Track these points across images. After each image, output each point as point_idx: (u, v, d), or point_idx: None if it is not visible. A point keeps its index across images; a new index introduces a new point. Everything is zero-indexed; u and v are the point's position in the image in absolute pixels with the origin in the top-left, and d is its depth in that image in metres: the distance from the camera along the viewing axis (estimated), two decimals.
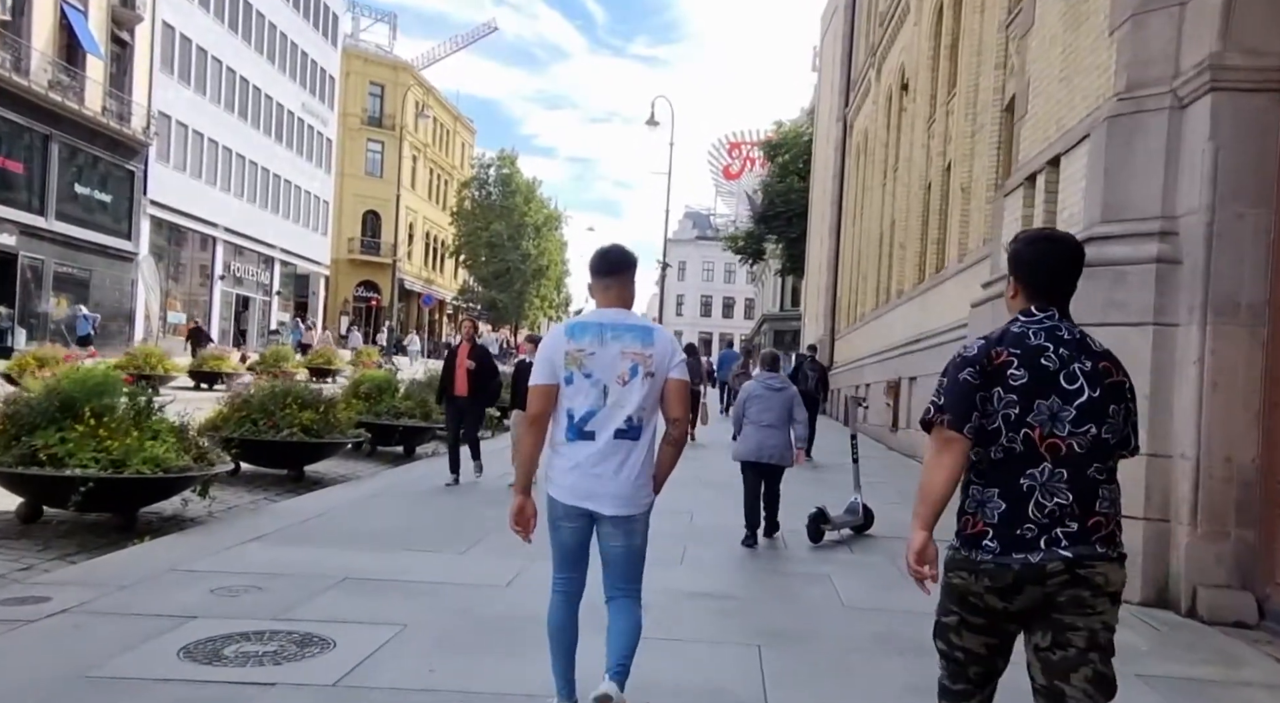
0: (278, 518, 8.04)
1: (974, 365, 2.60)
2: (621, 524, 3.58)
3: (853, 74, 28.91)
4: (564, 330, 3.66)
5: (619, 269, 3.71)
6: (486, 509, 9.04)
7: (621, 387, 3.52)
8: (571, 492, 3.57)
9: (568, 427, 3.56)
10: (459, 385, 10.26)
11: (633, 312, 3.73)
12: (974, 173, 14.00)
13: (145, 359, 21.99)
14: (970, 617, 2.67)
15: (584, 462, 3.53)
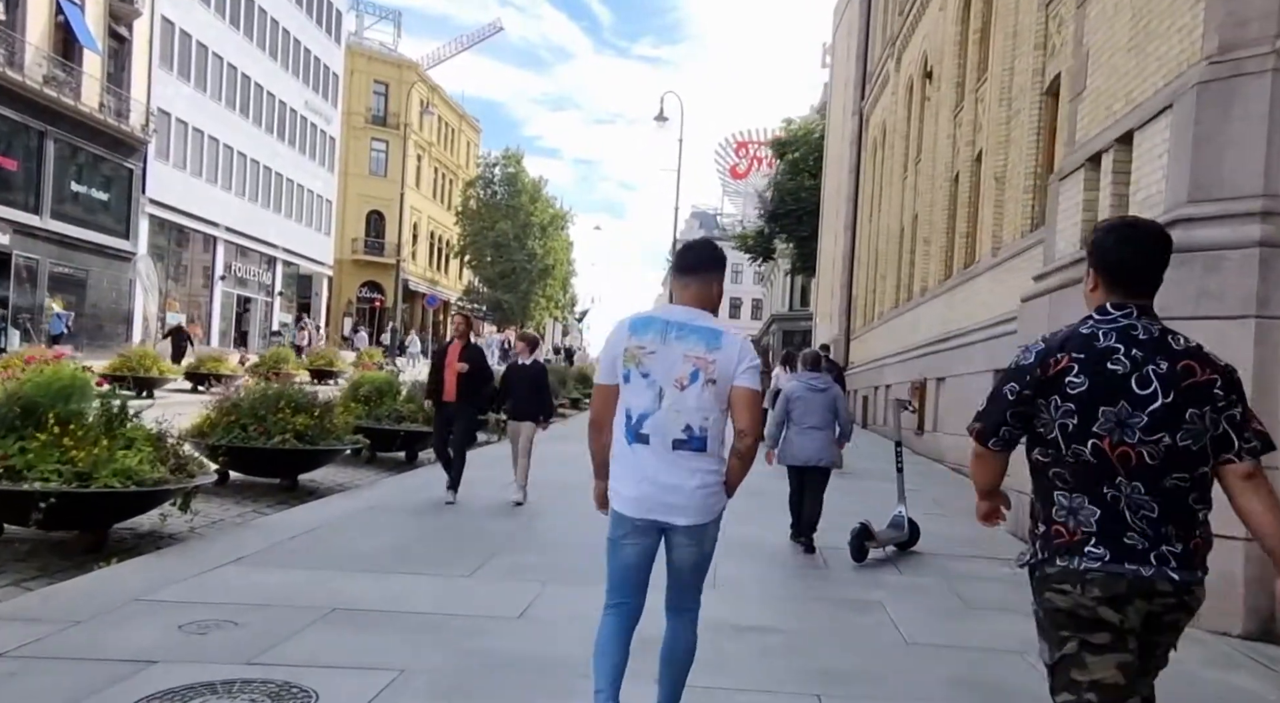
0: (264, 535, 7.27)
1: (1022, 377, 2.48)
2: (695, 533, 3.35)
3: (869, 66, 28.11)
4: (628, 324, 3.38)
5: (700, 266, 3.43)
6: (494, 523, 8.28)
7: (679, 391, 3.25)
8: (639, 504, 3.30)
9: (626, 428, 3.32)
10: (448, 390, 9.19)
11: (707, 313, 3.39)
12: (1009, 161, 13.20)
13: (139, 361, 21.27)
14: (1090, 636, 2.42)
15: (651, 472, 3.27)
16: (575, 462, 13.75)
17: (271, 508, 9.06)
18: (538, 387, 9.56)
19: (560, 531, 8.13)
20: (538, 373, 9.67)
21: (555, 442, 16.85)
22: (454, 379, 9.11)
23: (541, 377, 9.69)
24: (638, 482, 3.30)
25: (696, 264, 3.45)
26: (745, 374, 3.30)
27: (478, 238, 60.58)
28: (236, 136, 41.03)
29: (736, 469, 3.40)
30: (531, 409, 9.50)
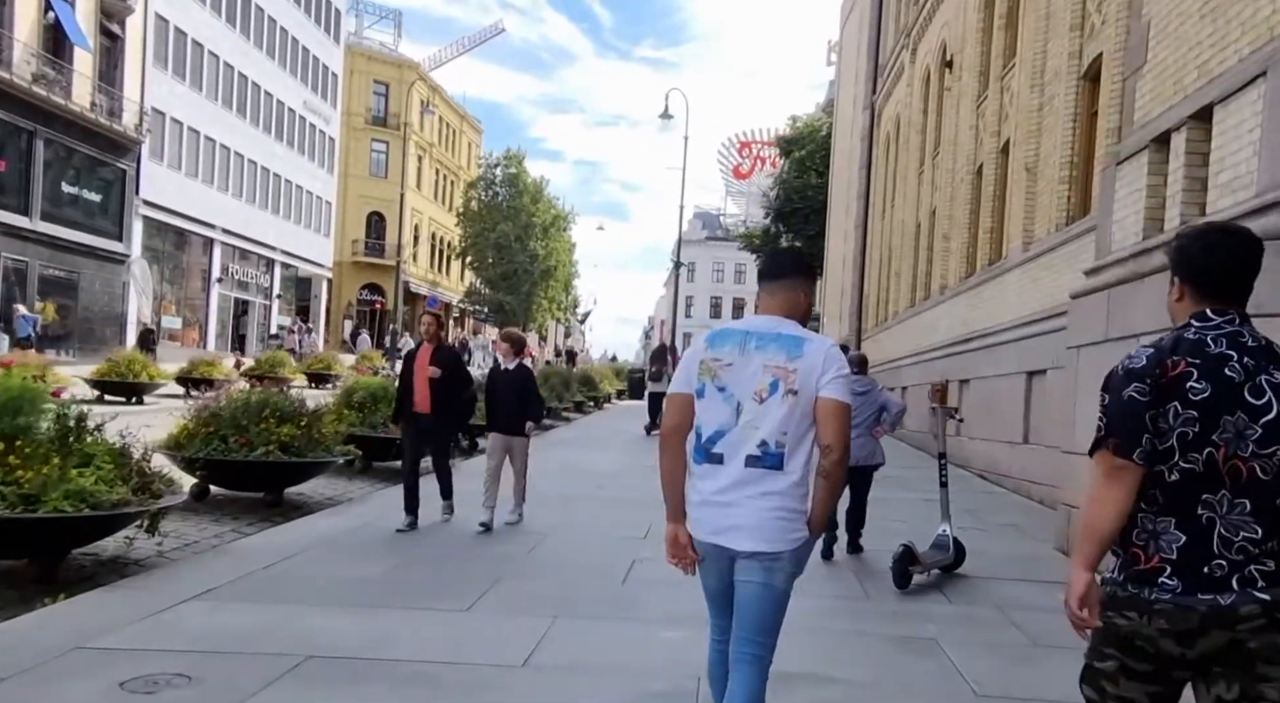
0: (238, 561, 6.52)
1: (1143, 380, 2.31)
2: (762, 562, 2.99)
3: (880, 59, 27.35)
4: (705, 338, 3.19)
5: (788, 273, 3.22)
6: (494, 545, 7.51)
7: (758, 405, 2.99)
8: (702, 526, 3.07)
9: (698, 447, 3.10)
10: (419, 399, 8.01)
11: (791, 321, 3.14)
12: (1042, 150, 12.44)
13: (128, 365, 20.50)
14: (1134, 663, 2.35)
15: (714, 493, 3.02)
16: (579, 470, 13.09)
17: (253, 527, 8.31)
18: (524, 395, 8.33)
19: (569, 552, 7.37)
20: (524, 379, 8.42)
21: (556, 448, 16.16)
22: (426, 387, 7.96)
23: (528, 383, 8.45)
24: (700, 503, 3.07)
25: (783, 270, 3.23)
26: (832, 384, 2.98)
27: (479, 239, 59.84)
28: (233, 137, 40.32)
29: (823, 493, 3.04)
30: (518, 420, 8.29)
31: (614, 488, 11.26)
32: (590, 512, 9.41)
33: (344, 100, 54.00)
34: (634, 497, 10.61)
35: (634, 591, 6.24)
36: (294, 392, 12.72)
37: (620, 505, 9.90)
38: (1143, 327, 6.39)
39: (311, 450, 9.23)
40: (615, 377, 34.57)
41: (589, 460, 14.10)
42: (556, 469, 12.78)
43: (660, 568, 7.18)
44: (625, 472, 12.96)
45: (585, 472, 12.66)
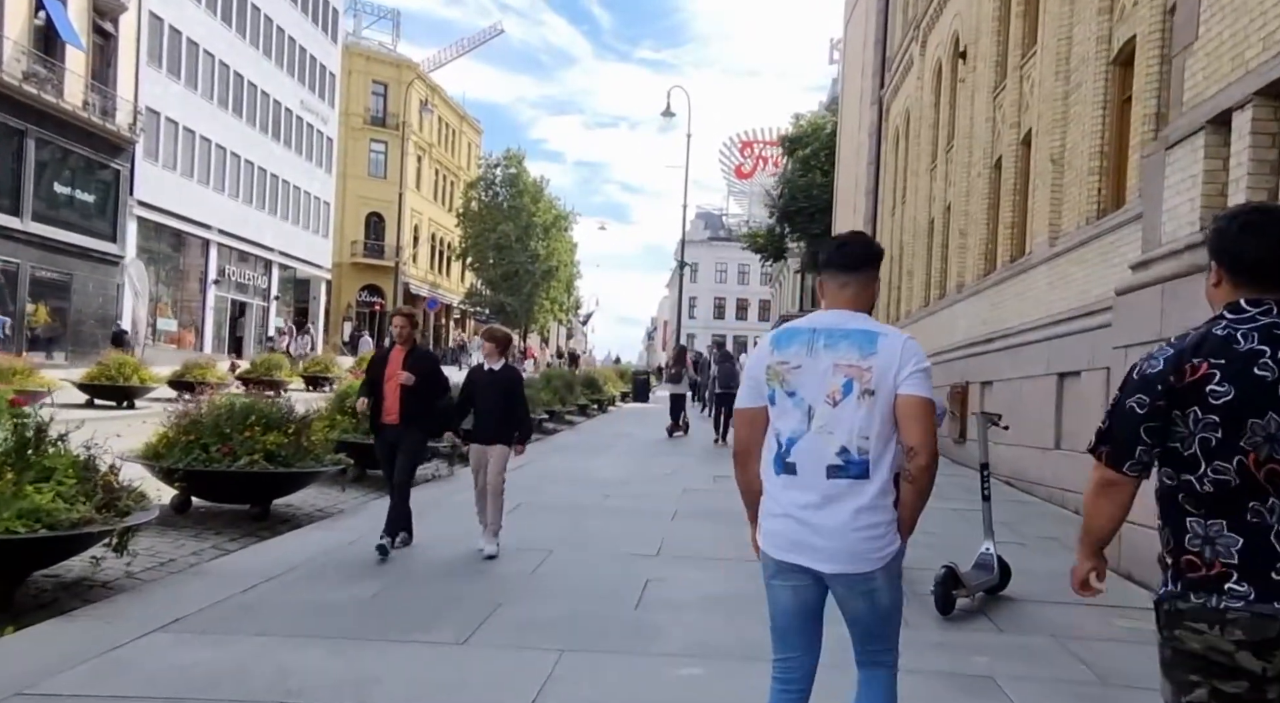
0: (214, 584, 5.94)
1: (1152, 387, 2.18)
2: (856, 584, 2.78)
3: (888, 53, 26.77)
4: (770, 340, 2.94)
5: (862, 263, 2.92)
6: (493, 564, 6.92)
7: (831, 408, 2.77)
8: (778, 541, 2.84)
9: (774, 458, 2.86)
10: (387, 408, 7.10)
11: (861, 314, 2.87)
12: (1068, 140, 11.85)
13: (119, 368, 19.93)
14: (1225, 685, 2.09)
15: (796, 505, 2.79)
16: (584, 477, 12.49)
17: (236, 542, 7.74)
18: (509, 400, 7.27)
19: (575, 571, 6.79)
20: (510, 382, 7.34)
21: (560, 453, 15.57)
22: (396, 395, 7.06)
23: (515, 387, 7.37)
24: (780, 514, 2.81)
25: (858, 261, 2.90)
26: (912, 379, 2.73)
27: (479, 240, 59.34)
28: (229, 136, 39.75)
29: (910, 499, 2.78)
30: (501, 429, 7.24)
31: (621, 497, 10.69)
32: (597, 524, 8.83)
33: (342, 100, 53.45)
34: (642, 506, 10.05)
35: (649, 617, 5.66)
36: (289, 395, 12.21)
37: (629, 517, 9.33)
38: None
39: (300, 460, 8.64)
40: (619, 378, 33.94)
41: (594, 467, 13.53)
42: (561, 476, 12.22)
43: (676, 590, 6.69)
44: (632, 479, 12.39)
45: (591, 479, 12.08)
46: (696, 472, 13.57)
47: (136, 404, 19.76)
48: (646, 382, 35.29)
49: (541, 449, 16.08)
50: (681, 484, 11.96)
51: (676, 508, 9.94)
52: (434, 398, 7.31)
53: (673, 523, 9.04)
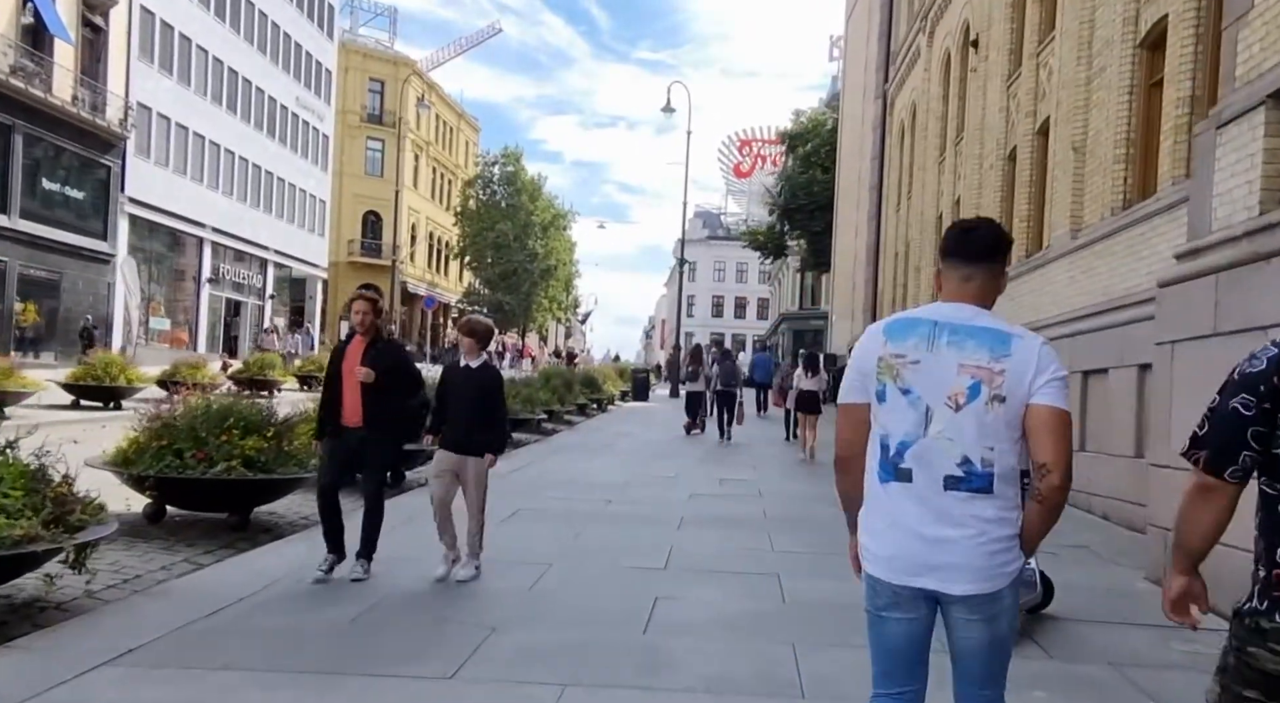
0: (179, 605, 5.39)
1: (1255, 387, 2.03)
2: (981, 606, 2.47)
3: (892, 46, 26.24)
4: (881, 329, 2.59)
5: (990, 253, 2.60)
6: (486, 582, 6.36)
7: (953, 412, 2.43)
8: (897, 565, 2.48)
9: (881, 462, 2.53)
10: (348, 409, 6.12)
11: (986, 311, 2.54)
12: (1091, 127, 11.32)
13: (105, 368, 19.35)
14: None
15: (912, 521, 2.46)
16: (585, 481, 11.89)
17: (211, 555, 7.18)
18: (487, 402, 6.31)
19: (577, 589, 6.23)
20: (488, 382, 6.39)
21: (559, 454, 14.99)
22: (356, 394, 6.08)
23: (494, 388, 6.42)
24: (894, 535, 2.53)
25: (985, 250, 2.60)
26: (1049, 387, 2.45)
27: (477, 238, 58.88)
28: (223, 133, 39.16)
29: (1036, 520, 2.51)
30: (476, 436, 6.27)
31: (624, 502, 10.14)
32: (599, 533, 8.28)
33: (338, 98, 52.88)
34: (646, 512, 9.50)
35: (659, 642, 5.11)
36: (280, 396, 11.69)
37: (633, 524, 8.78)
38: (1273, 317, 5.27)
39: (282, 465, 8.08)
40: (619, 377, 33.38)
41: (595, 469, 12.98)
42: (559, 480, 11.68)
43: (688, 610, 6.10)
44: (635, 482, 11.84)
45: (591, 483, 11.54)
46: (701, 474, 13.04)
47: (124, 405, 19.17)
48: (646, 380, 34.75)
49: (540, 450, 15.54)
50: (687, 488, 11.42)
51: (683, 514, 9.40)
52: (402, 394, 6.33)
53: (679, 532, 8.49)
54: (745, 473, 13.44)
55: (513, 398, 17.70)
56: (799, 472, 14.02)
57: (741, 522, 9.15)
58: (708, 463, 14.54)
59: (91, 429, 12.37)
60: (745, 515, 9.57)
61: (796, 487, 12.18)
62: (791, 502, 10.76)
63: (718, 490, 11.49)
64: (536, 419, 18.60)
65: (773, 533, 8.49)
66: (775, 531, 8.65)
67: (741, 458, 15.68)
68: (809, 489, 11.95)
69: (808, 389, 16.02)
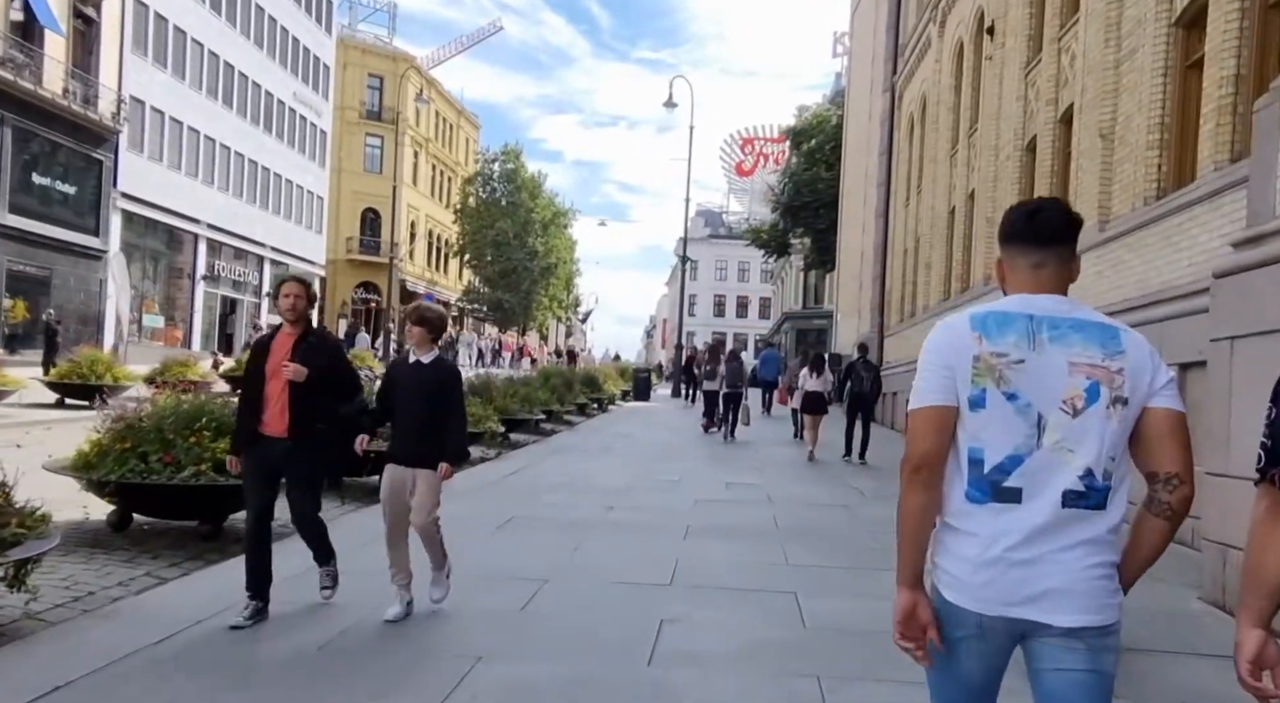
0: (128, 629, 4.80)
1: None
2: (1092, 642, 2.13)
3: (901, 37, 25.63)
4: (967, 321, 2.21)
5: (1058, 235, 2.24)
6: (473, 600, 5.76)
7: (1070, 418, 2.13)
8: (990, 591, 2.14)
9: (973, 480, 2.16)
10: (270, 416, 5.13)
11: (1079, 302, 2.22)
12: (1121, 113, 10.72)
13: (91, 366, 18.77)
14: None
15: (1014, 542, 2.11)
16: (584, 485, 11.23)
17: (176, 568, 6.60)
18: (441, 405, 5.27)
19: (574, 609, 5.63)
20: (443, 382, 5.32)
21: (558, 456, 14.30)
22: (282, 396, 5.11)
23: (449, 388, 5.33)
24: (990, 557, 2.13)
25: (1055, 231, 2.24)
26: (1169, 388, 2.17)
27: (477, 236, 58.31)
28: (218, 128, 38.56)
29: (1159, 541, 2.18)
30: (427, 445, 5.24)
31: (625, 508, 9.54)
32: (599, 544, 7.68)
33: (337, 93, 52.29)
34: (649, 520, 8.91)
35: (665, 674, 4.52)
36: None
37: (635, 534, 8.18)
38: None
39: None
40: (620, 376, 32.80)
41: (595, 472, 12.38)
42: (558, 484, 11.08)
43: (697, 635, 5.30)
44: (637, 486, 11.25)
45: (591, 488, 10.94)
46: (706, 477, 12.45)
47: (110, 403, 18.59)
48: (648, 380, 34.15)
49: (538, 452, 14.96)
50: (691, 493, 10.83)
51: (688, 523, 8.80)
52: (338, 401, 5.34)
53: (685, 543, 7.89)
54: (752, 476, 12.85)
55: (511, 397, 17.15)
56: (807, 475, 13.43)
57: (751, 531, 8.56)
58: (713, 465, 13.95)
59: (73, 429, 11.79)
60: (754, 524, 8.98)
61: (806, 491, 11.59)
62: (803, 508, 10.17)
63: (724, 496, 10.91)
64: (535, 419, 18.02)
65: (785, 544, 7.89)
66: (788, 541, 8.05)
67: (747, 460, 15.09)
68: (820, 494, 11.38)
69: (813, 390, 15.89)
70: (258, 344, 5.45)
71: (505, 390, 17.19)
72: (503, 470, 12.26)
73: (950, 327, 2.27)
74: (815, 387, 15.86)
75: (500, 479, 11.46)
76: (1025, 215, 2.30)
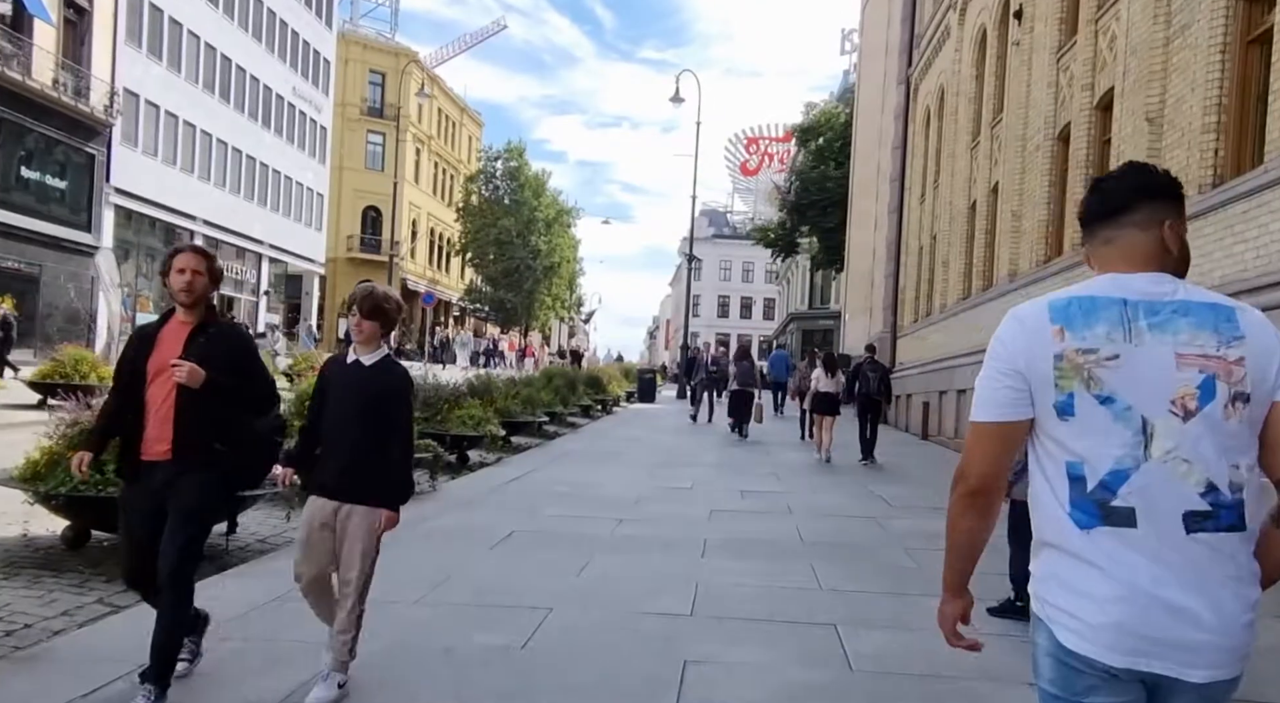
0: (51, 679, 4.04)
1: None
2: (1217, 694, 1.86)
3: (917, 28, 24.86)
4: (1045, 312, 1.89)
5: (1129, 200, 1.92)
6: (472, 635, 4.99)
7: (1181, 422, 1.81)
8: (1119, 639, 1.80)
9: (1076, 500, 1.84)
10: (152, 432, 3.84)
11: (1183, 281, 1.91)
12: (1170, 94, 9.95)
13: (74, 365, 18.01)
14: None
15: (1144, 578, 1.79)
16: (591, 495, 10.31)
17: (131, 594, 5.79)
18: (383, 420, 3.98)
19: (585, 649, 4.86)
20: (388, 390, 4.03)
21: (562, 462, 13.42)
22: (168, 406, 3.80)
23: (395, 398, 4.05)
24: (1117, 598, 1.79)
25: (1123, 197, 1.92)
26: None
27: (480, 235, 57.63)
28: (215, 123, 37.83)
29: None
30: (365, 473, 3.96)
31: (636, 522, 8.77)
32: (609, 563, 6.91)
33: (338, 90, 51.58)
34: (663, 534, 8.13)
35: None
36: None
37: (647, 551, 7.41)
38: None
39: None
40: (624, 378, 32.04)
41: (601, 479, 11.62)
42: (562, 493, 10.31)
43: (729, 682, 4.24)
44: (647, 495, 10.48)
45: (598, 497, 10.18)
46: (720, 484, 11.68)
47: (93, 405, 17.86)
48: (653, 381, 33.39)
49: (540, 457, 14.19)
50: (706, 503, 10.06)
51: (706, 537, 8.03)
52: (245, 411, 4.00)
53: (704, 561, 7.12)
54: (768, 483, 12.09)
55: (512, 399, 16.41)
56: (825, 481, 12.66)
57: (775, 547, 7.79)
58: (725, 471, 13.18)
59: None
60: (778, 538, 8.21)
61: (828, 500, 10.82)
62: (827, 520, 9.40)
63: (741, 505, 10.14)
64: (537, 422, 17.26)
65: (815, 563, 7.11)
66: (817, 559, 7.28)
67: (761, 464, 14.33)
68: (843, 503, 10.61)
69: (826, 390, 15.54)
70: (138, 334, 4.08)
71: (506, 392, 16.45)
72: (503, 477, 11.51)
73: (1022, 319, 1.93)
74: (828, 387, 15.54)
75: (500, 486, 10.70)
76: (1090, 188, 2.05)
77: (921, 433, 20.20)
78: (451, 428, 12.29)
